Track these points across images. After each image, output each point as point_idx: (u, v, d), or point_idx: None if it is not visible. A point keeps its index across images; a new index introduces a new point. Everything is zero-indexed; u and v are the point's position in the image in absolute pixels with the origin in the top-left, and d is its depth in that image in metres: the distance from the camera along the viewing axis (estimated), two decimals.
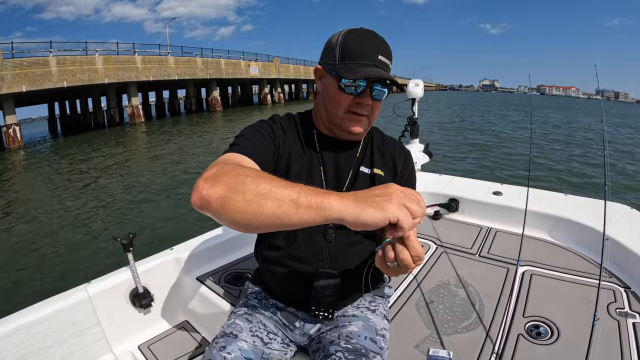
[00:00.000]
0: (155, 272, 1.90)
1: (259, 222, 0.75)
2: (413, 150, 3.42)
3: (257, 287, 1.41)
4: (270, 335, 1.25)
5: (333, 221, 0.73)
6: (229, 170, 0.82)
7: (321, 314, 1.20)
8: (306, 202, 0.73)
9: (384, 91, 1.13)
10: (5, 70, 19.33)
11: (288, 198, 0.73)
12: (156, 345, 1.80)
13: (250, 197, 0.75)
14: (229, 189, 0.77)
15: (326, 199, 0.73)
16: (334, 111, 1.16)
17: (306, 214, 0.72)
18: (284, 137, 1.21)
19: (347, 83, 1.08)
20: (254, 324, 1.26)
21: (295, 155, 1.21)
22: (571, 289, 1.72)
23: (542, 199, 2.47)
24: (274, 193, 0.74)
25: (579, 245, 2.11)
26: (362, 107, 1.13)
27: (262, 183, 0.76)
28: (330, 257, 1.22)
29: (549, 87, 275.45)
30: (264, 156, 1.10)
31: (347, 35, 1.11)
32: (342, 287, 1.22)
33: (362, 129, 1.18)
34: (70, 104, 34.72)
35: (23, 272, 5.32)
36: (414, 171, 1.37)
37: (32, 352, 1.49)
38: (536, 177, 9.25)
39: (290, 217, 0.73)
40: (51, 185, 10.94)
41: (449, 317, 1.57)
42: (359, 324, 1.23)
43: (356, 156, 1.28)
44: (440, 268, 1.99)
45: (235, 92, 45.72)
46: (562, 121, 26.58)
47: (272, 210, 0.73)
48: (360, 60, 1.07)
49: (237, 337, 1.18)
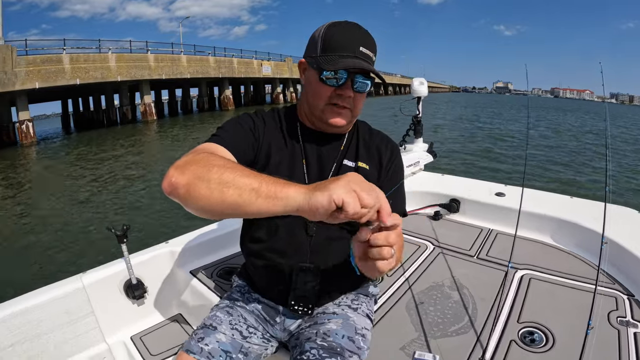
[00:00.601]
0: (149, 264, 1.91)
1: (221, 209, 0.78)
2: (416, 150, 3.38)
3: (242, 280, 1.41)
4: (250, 329, 1.25)
5: (292, 212, 0.74)
6: (198, 159, 0.85)
7: (300, 310, 1.20)
8: (266, 191, 0.74)
9: (367, 83, 1.12)
10: (18, 67, 19.58)
11: (249, 187, 0.75)
12: (149, 337, 1.82)
13: (214, 185, 0.77)
14: (195, 177, 0.80)
15: (285, 188, 0.74)
16: (315, 103, 1.16)
17: (265, 203, 0.74)
18: (264, 129, 1.21)
19: (328, 75, 1.08)
20: (234, 317, 1.26)
21: (276, 147, 1.21)
22: (570, 295, 1.65)
23: (545, 201, 2.41)
24: (236, 182, 0.76)
25: (581, 249, 2.04)
26: (343, 99, 1.12)
27: (226, 172, 0.79)
28: (311, 252, 1.21)
29: (562, 90, 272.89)
30: (240, 147, 1.10)
31: (329, 27, 1.11)
32: (322, 283, 1.21)
33: (344, 121, 1.16)
34: (83, 101, 35.12)
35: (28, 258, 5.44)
36: (401, 167, 1.33)
37: (27, 337, 1.52)
38: (544, 178, 9.13)
39: (250, 206, 0.75)
40: (59, 179, 11.15)
41: (439, 319, 1.52)
42: (338, 322, 1.20)
43: (340, 149, 1.26)
44: (436, 269, 1.93)
45: (248, 91, 45.91)
46: (574, 124, 26.26)
47: (233, 198, 0.76)
48: (341, 52, 1.07)
49: (216, 329, 1.19)
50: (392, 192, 1.24)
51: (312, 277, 1.19)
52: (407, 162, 3.10)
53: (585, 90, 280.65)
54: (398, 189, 1.28)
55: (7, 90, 19.00)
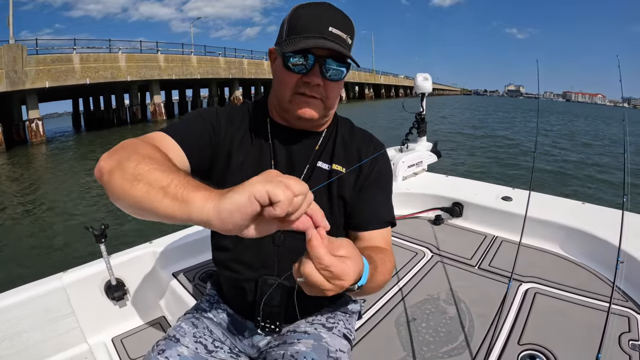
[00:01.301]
0: (131, 264, 1.86)
1: (132, 204, 0.68)
2: (419, 149, 3.20)
3: (213, 289, 1.31)
4: (217, 343, 1.13)
5: (197, 222, 0.59)
6: (127, 145, 0.79)
7: (267, 327, 1.10)
8: (174, 192, 0.62)
9: (340, 70, 0.97)
10: (28, 66, 19.79)
11: (159, 184, 0.64)
12: (130, 339, 1.76)
13: (127, 176, 0.68)
14: (116, 164, 0.72)
15: (193, 192, 0.61)
16: (281, 94, 1.03)
17: (170, 206, 0.61)
18: (227, 124, 1.09)
19: (294, 62, 0.94)
20: (199, 329, 1.14)
21: (240, 145, 1.09)
22: (579, 313, 1.48)
23: (555, 207, 2.24)
24: (148, 176, 0.67)
25: (593, 261, 1.86)
26: (311, 87, 0.97)
27: (142, 163, 0.70)
28: (278, 264, 1.09)
29: (574, 94, 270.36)
30: (193, 142, 0.99)
31: (296, 9, 0.98)
32: (291, 298, 1.07)
33: (314, 112, 1.01)
34: (94, 100, 35.60)
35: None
36: (386, 171, 1.17)
37: (6, 336, 1.50)
38: (557, 184, 8.85)
39: (156, 207, 0.63)
40: (63, 176, 11.28)
41: (431, 337, 1.37)
42: (309, 343, 1.05)
43: (315, 149, 1.12)
44: (432, 280, 1.78)
45: (258, 92, 45.97)
46: (587, 129, 25.78)
47: (141, 194, 0.65)
48: (307, 33, 0.93)
49: (178, 341, 1.08)
50: (374, 199, 1.11)
51: (279, 291, 1.08)
52: (408, 161, 2.95)
53: (597, 94, 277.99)
54: (383, 196, 1.14)
55: (18, 89, 19.24)
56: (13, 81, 18.97)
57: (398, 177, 2.90)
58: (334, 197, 1.09)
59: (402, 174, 2.93)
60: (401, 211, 2.59)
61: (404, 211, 2.60)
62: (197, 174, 1.07)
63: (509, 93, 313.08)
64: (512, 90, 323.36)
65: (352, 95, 62.84)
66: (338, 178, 1.08)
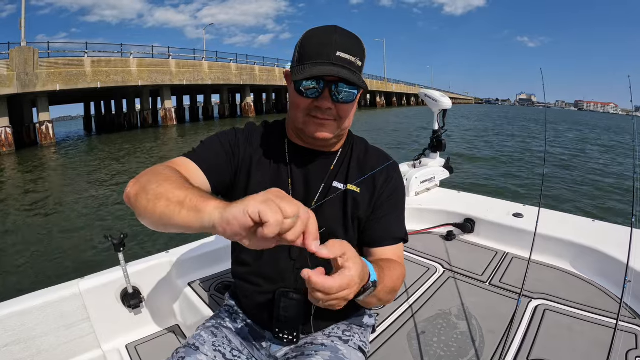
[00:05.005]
0: (148, 273, 1.89)
1: (156, 220, 0.80)
2: (432, 165, 3.23)
3: (232, 300, 1.35)
4: (235, 352, 1.16)
5: (208, 228, 0.70)
6: (150, 172, 0.90)
7: (285, 337, 1.13)
8: (189, 204, 0.73)
9: (352, 92, 1.01)
10: (40, 68, 20.08)
11: (177, 199, 0.76)
12: (144, 346, 1.79)
13: (151, 197, 0.80)
14: (141, 188, 0.84)
15: (205, 202, 0.72)
16: (295, 116, 1.08)
17: (187, 216, 0.73)
18: (247, 145, 1.16)
19: (307, 86, 0.99)
20: (219, 339, 1.18)
21: (259, 165, 1.15)
22: (588, 330, 1.51)
23: (566, 224, 2.26)
24: (167, 194, 0.78)
25: (602, 278, 1.88)
26: (323, 111, 1.02)
27: (163, 184, 0.81)
28: (295, 276, 1.13)
29: (587, 103, 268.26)
30: (213, 164, 1.08)
31: (306, 34, 1.03)
32: (309, 310, 1.12)
33: (329, 134, 1.06)
34: (105, 104, 35.85)
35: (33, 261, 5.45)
36: (400, 189, 1.22)
37: (22, 339, 1.54)
38: (567, 199, 8.79)
39: (175, 218, 0.75)
40: (69, 180, 11.51)
41: (442, 352, 1.40)
42: (326, 355, 1.10)
43: (330, 169, 1.17)
44: (444, 295, 1.81)
45: (270, 99, 46.17)
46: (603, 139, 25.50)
47: (162, 209, 0.77)
48: (315, 59, 0.97)
49: (198, 349, 1.12)
50: (387, 217, 1.15)
51: (296, 303, 1.11)
52: (421, 177, 2.99)
53: (609, 103, 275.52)
54: (395, 213, 1.18)
55: (29, 91, 19.51)
56: (24, 83, 19.24)
57: (411, 193, 2.94)
58: (349, 218, 1.14)
59: (415, 189, 2.97)
60: (414, 226, 2.63)
61: (417, 227, 2.63)
62: (219, 194, 1.13)
63: (521, 102, 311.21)
64: (523, 99, 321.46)
65: (364, 104, 62.89)
66: (353, 197, 1.13)
